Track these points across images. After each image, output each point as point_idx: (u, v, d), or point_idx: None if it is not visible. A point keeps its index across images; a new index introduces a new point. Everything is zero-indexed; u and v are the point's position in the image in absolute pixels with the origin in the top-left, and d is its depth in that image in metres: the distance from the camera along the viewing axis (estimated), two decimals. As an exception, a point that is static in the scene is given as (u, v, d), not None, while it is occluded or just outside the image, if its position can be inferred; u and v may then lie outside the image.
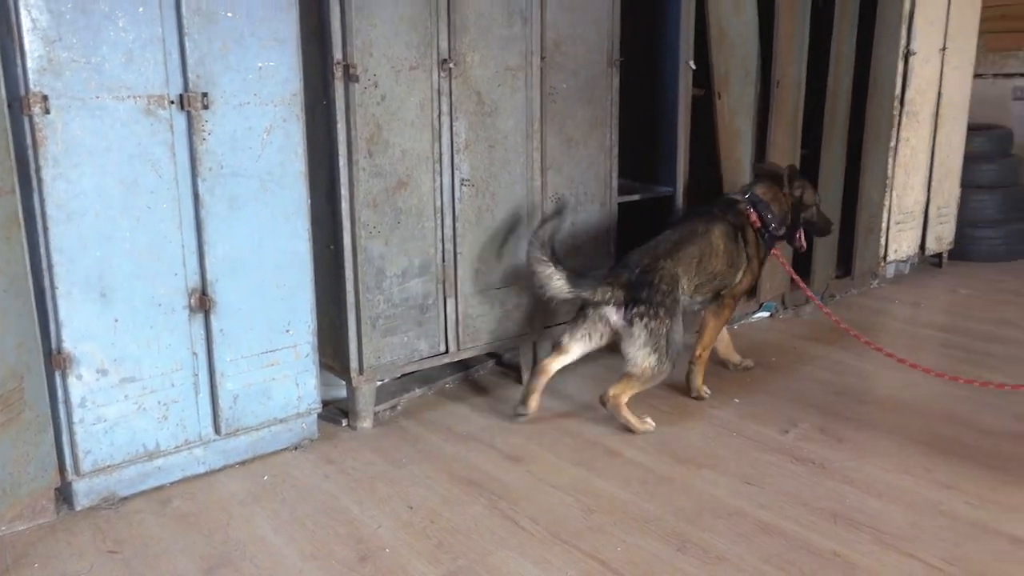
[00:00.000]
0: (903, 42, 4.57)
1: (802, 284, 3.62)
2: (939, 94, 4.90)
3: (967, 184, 5.31)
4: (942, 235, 5.23)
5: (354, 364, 3.01)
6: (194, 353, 2.62)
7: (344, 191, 2.85)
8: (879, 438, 2.99)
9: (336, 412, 3.18)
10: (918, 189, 4.95)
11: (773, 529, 2.42)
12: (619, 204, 3.62)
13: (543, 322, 3.47)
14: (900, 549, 2.31)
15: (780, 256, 3.57)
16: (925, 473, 2.73)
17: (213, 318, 2.62)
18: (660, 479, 2.72)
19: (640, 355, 2.99)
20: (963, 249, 5.42)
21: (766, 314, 4.37)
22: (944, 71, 4.88)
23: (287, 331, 2.79)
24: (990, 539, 2.36)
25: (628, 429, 3.04)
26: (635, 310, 2.99)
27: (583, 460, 2.85)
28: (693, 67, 3.66)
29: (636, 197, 3.71)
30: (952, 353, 3.86)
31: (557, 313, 3.52)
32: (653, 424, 3.05)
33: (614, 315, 3.03)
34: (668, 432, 3.06)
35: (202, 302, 2.59)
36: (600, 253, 3.60)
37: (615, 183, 3.59)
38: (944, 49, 4.83)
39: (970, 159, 5.28)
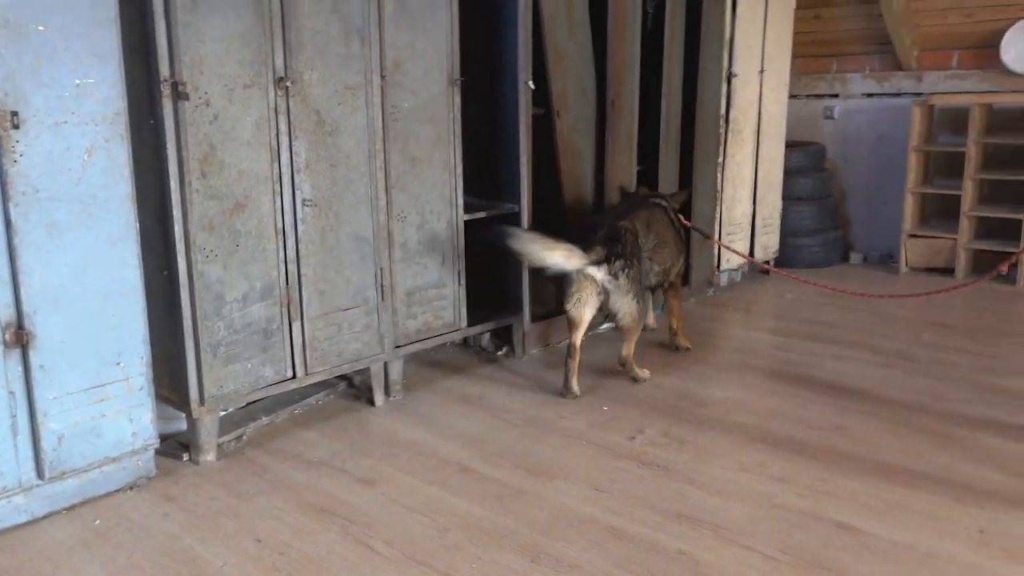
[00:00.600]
0: (725, 64, 4.88)
1: (747, 257, 4.92)
2: (759, 113, 5.26)
3: (787, 197, 5.73)
4: (768, 244, 5.61)
5: (194, 395, 2.86)
6: (11, 392, 2.41)
7: (177, 214, 2.72)
8: (718, 438, 3.15)
9: (176, 446, 3.01)
10: (745, 202, 5.28)
11: (623, 533, 2.50)
12: (465, 222, 3.65)
13: (394, 342, 3.44)
14: (739, 543, 2.44)
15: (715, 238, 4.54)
16: (760, 469, 2.90)
17: (32, 353, 2.43)
18: (514, 493, 2.75)
19: (626, 302, 3.53)
20: (786, 257, 5.83)
21: (612, 324, 4.50)
22: (763, 92, 5.25)
23: (118, 364, 2.63)
24: (819, 527, 2.53)
25: (633, 380, 3.70)
26: (616, 264, 3.45)
27: (437, 479, 2.84)
28: (532, 87, 3.74)
29: (482, 215, 3.75)
30: (778, 354, 4.13)
31: (409, 333, 3.50)
32: (647, 374, 3.73)
33: (599, 274, 3.46)
34: (520, 445, 3.09)
35: (18, 337, 2.40)
36: (446, 270, 3.61)
37: (460, 201, 3.62)
38: (762, 71, 5.19)
39: (789, 173, 5.70)
